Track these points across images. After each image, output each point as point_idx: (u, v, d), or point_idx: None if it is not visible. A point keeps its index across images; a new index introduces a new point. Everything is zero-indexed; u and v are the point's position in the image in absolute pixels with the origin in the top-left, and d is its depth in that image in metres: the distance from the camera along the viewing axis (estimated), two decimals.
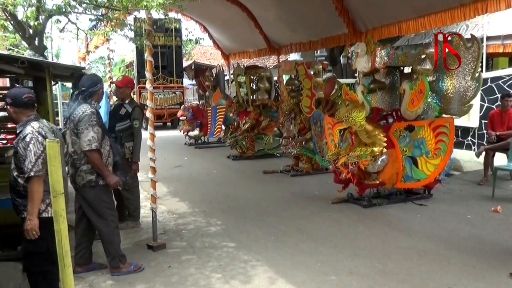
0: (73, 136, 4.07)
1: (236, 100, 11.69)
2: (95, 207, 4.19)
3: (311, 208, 6.56)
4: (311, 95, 8.31)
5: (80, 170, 4.10)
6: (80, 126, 4.01)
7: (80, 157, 4.08)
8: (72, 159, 4.11)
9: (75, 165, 4.11)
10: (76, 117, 4.03)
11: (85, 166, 4.10)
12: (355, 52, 7.33)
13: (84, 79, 4.28)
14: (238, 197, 7.36)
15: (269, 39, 12.28)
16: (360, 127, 6.05)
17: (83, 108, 4.07)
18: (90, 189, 4.14)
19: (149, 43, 5.17)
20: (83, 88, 4.14)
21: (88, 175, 4.11)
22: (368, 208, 6.48)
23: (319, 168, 9.05)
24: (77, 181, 4.14)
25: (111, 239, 4.28)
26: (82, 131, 4.01)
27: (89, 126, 4.02)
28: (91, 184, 4.12)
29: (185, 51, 28.45)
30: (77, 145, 4.06)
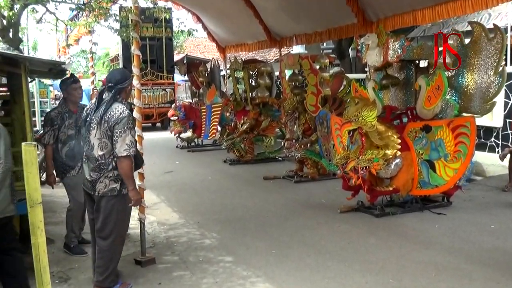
0: (104, 139, 4.02)
1: (233, 98, 11.70)
2: (110, 217, 4.13)
3: (317, 218, 6.55)
4: (317, 92, 8.32)
5: (105, 176, 4.07)
6: (117, 128, 3.97)
7: (108, 162, 4.06)
8: (98, 163, 4.07)
9: (101, 170, 4.08)
10: (112, 118, 3.98)
11: (112, 172, 4.07)
12: (365, 44, 7.33)
13: (112, 73, 4.28)
14: (236, 206, 7.35)
15: (269, 30, 12.30)
16: (371, 128, 6.06)
17: (119, 108, 4.03)
18: (111, 198, 4.11)
19: (136, 35, 5.18)
20: (111, 84, 4.12)
21: (113, 182, 4.09)
22: (381, 217, 6.48)
23: (325, 174, 9.05)
24: (97, 188, 4.09)
25: (114, 256, 4.25)
26: (120, 135, 3.97)
27: (127, 129, 4.00)
28: (113, 192, 4.10)
29: (176, 43, 28.48)
30: (108, 149, 4.03)
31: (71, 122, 5.23)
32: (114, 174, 4.08)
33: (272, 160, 11.39)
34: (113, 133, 3.98)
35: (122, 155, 3.97)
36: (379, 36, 7.07)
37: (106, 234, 4.15)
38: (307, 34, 11.10)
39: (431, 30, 13.31)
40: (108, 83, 4.15)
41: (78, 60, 45.38)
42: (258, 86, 11.11)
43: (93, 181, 4.09)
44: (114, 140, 3.99)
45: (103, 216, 4.13)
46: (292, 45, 12.99)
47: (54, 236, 5.58)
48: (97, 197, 4.11)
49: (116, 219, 4.15)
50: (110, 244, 4.17)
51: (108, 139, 4.02)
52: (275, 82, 11.46)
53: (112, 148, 4.02)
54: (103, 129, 4.00)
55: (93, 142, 4.06)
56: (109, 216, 4.12)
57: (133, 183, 4.13)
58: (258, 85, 11.12)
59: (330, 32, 10.19)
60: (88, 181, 4.15)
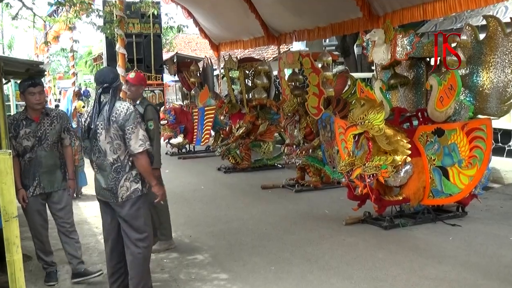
0: (116, 140, 4.12)
1: (228, 100, 11.71)
2: (136, 223, 4.24)
3: (320, 231, 6.55)
4: (319, 93, 8.33)
5: (125, 179, 4.17)
6: (128, 125, 4.10)
7: (125, 163, 4.17)
8: (114, 167, 4.15)
9: (119, 173, 4.16)
10: (120, 116, 4.10)
11: (130, 173, 4.19)
12: (372, 40, 7.34)
13: (102, 74, 4.33)
14: (232, 218, 7.34)
15: (267, 26, 12.34)
16: (379, 132, 6.06)
17: (124, 105, 4.17)
18: (136, 200, 4.22)
19: (122, 31, 5.22)
20: (106, 85, 4.21)
21: (133, 183, 4.21)
22: (390, 229, 6.48)
23: (329, 182, 9.05)
24: (119, 194, 4.16)
25: (147, 265, 4.36)
26: (132, 131, 4.10)
27: (137, 124, 4.15)
28: (137, 193, 4.21)
29: (165, 41, 28.50)
30: (122, 150, 4.13)
31: (29, 131, 4.85)
32: (133, 174, 4.20)
33: (270, 167, 11.39)
34: (124, 132, 4.10)
35: (139, 151, 4.11)
36: (386, 31, 7.08)
37: (138, 237, 4.26)
38: (308, 30, 11.13)
39: (443, 25, 13.35)
40: (102, 84, 4.22)
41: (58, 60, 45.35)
42: (255, 86, 11.12)
43: (112, 188, 4.18)
44: (127, 138, 4.11)
45: (131, 219, 4.24)
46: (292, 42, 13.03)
47: (31, 252, 5.55)
48: (120, 203, 4.20)
49: (145, 219, 4.31)
50: (145, 248, 4.30)
51: (120, 139, 4.12)
52: (274, 83, 11.46)
53: (126, 148, 4.13)
54: (113, 131, 4.11)
55: (104, 148, 4.15)
56: (138, 218, 4.25)
57: (154, 178, 4.32)
58: (255, 86, 11.13)
59: (333, 27, 10.23)
60: (106, 190, 4.22)
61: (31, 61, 6.42)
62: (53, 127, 4.95)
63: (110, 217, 4.36)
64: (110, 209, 4.32)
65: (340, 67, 18.15)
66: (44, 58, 15.33)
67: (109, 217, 4.37)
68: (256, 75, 11.13)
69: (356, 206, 6.78)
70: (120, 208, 4.22)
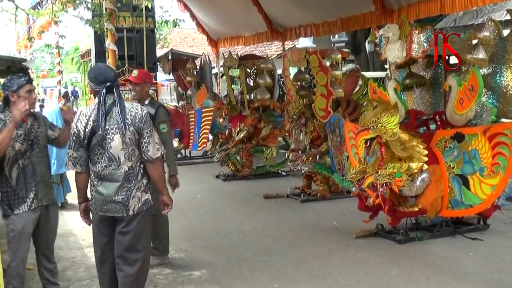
0: (132, 146, 4.08)
1: (227, 101, 11.71)
2: (139, 242, 4.20)
3: (329, 245, 6.54)
4: (327, 93, 8.33)
5: (137, 188, 4.14)
6: (146, 128, 4.11)
7: (136, 170, 4.14)
8: (126, 175, 4.09)
9: (130, 182, 4.11)
10: (135, 119, 4.08)
11: (141, 181, 4.17)
12: (385, 36, 7.36)
13: (102, 72, 4.22)
14: (231, 231, 7.34)
15: (270, 20, 12.36)
16: (393, 136, 6.06)
17: (135, 106, 4.18)
18: (145, 213, 4.21)
19: (112, 26, 5.21)
20: (109, 83, 4.14)
21: (144, 193, 4.20)
22: (404, 244, 6.47)
23: (338, 191, 9.05)
24: (131, 205, 4.11)
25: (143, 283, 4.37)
26: (150, 134, 4.13)
27: (152, 126, 4.18)
28: (147, 205, 4.22)
29: (159, 36, 28.55)
30: (136, 156, 4.11)
31: (21, 133, 4.58)
32: (144, 183, 4.19)
33: (274, 175, 11.39)
34: (141, 136, 4.09)
35: (157, 156, 4.14)
36: (401, 27, 7.09)
37: (137, 257, 4.20)
38: (315, 25, 11.15)
39: (463, 19, 13.36)
40: (104, 83, 4.12)
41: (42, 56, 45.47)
42: (257, 86, 11.13)
43: (123, 200, 4.10)
44: (144, 142, 4.10)
45: (135, 237, 4.18)
46: (298, 38, 13.05)
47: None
48: (130, 217, 4.14)
49: (147, 237, 4.32)
50: (139, 269, 4.23)
51: (135, 144, 4.10)
52: (278, 82, 11.48)
53: (140, 154, 4.12)
54: (129, 135, 4.06)
55: (117, 156, 4.06)
56: (142, 236, 4.23)
57: (166, 186, 4.38)
58: (257, 86, 11.14)
59: (342, 22, 10.25)
60: (115, 203, 4.11)
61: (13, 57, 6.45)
62: (42, 129, 4.77)
63: (107, 237, 4.23)
64: (110, 227, 4.21)
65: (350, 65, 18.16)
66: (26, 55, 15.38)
67: (106, 237, 4.24)
68: (259, 74, 11.14)
69: (367, 218, 6.76)
70: (127, 223, 4.13)
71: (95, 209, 4.19)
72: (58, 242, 6.59)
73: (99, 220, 4.23)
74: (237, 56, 11.82)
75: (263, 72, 10.99)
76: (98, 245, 4.32)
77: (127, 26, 19.02)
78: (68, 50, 38.91)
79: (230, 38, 14.59)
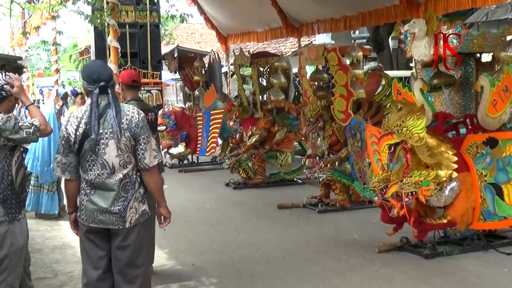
0: (127, 153, 4.06)
1: (238, 103, 11.73)
2: (138, 256, 4.19)
3: (349, 260, 6.52)
4: (347, 94, 8.33)
5: (134, 198, 4.12)
6: (143, 134, 4.09)
7: (133, 179, 4.12)
8: (123, 184, 4.07)
9: (128, 192, 4.10)
10: (131, 123, 4.05)
11: (138, 191, 4.16)
12: (411, 32, 7.34)
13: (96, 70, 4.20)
14: (242, 244, 7.34)
15: (285, 14, 12.37)
16: (419, 141, 6.04)
17: (132, 109, 4.15)
18: (143, 225, 4.19)
19: (114, 21, 5.23)
20: (103, 83, 4.11)
21: (141, 204, 4.17)
22: (432, 259, 6.44)
23: (359, 201, 9.04)
24: (128, 217, 4.09)
25: None
26: (147, 140, 4.11)
27: (149, 131, 4.17)
28: (145, 217, 4.20)
29: (164, 31, 28.70)
30: (132, 164, 4.10)
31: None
32: (141, 193, 4.17)
33: (289, 183, 11.39)
34: (137, 142, 4.07)
35: (154, 164, 4.13)
36: (429, 22, 7.07)
37: (137, 273, 4.19)
38: (334, 20, 11.15)
39: (496, 13, 13.31)
40: (97, 82, 4.10)
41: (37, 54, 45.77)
42: (270, 86, 11.14)
43: (120, 211, 4.07)
44: (140, 149, 4.08)
45: (134, 251, 4.16)
46: (315, 34, 13.04)
47: None
48: (127, 230, 4.12)
49: (147, 251, 4.32)
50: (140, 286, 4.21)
51: (130, 151, 4.08)
52: (293, 82, 11.49)
53: (136, 161, 4.10)
54: (124, 141, 4.04)
55: (112, 163, 4.03)
56: (142, 249, 4.21)
57: (164, 197, 4.36)
58: (270, 86, 11.15)
59: (364, 16, 10.23)
60: (110, 214, 4.07)
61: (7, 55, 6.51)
62: None
63: (105, 250, 4.18)
64: (105, 240, 4.17)
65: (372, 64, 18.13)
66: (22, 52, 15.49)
67: (103, 250, 4.18)
68: (272, 73, 11.15)
69: (391, 231, 6.75)
70: (124, 237, 4.11)
71: (85, 220, 4.11)
72: (55, 255, 6.67)
73: (91, 232, 4.16)
74: (249, 53, 11.85)
75: (277, 71, 11.00)
76: (92, 261, 4.21)
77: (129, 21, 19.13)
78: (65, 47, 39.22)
79: (241, 34, 14.61)
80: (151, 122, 5.99)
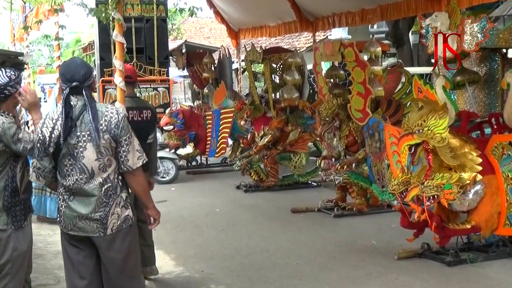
0: (107, 156, 4.04)
1: (250, 101, 11.74)
2: (127, 264, 4.18)
3: (367, 267, 6.52)
4: (365, 92, 8.32)
5: (116, 204, 4.09)
6: (124, 135, 4.06)
7: (115, 183, 4.10)
8: (104, 190, 4.05)
9: (110, 197, 4.07)
10: (111, 124, 4.01)
11: (120, 196, 4.13)
12: (432, 26, 7.33)
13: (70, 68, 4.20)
14: (254, 250, 7.36)
15: (299, 8, 12.37)
16: (441, 142, 6.03)
17: (110, 109, 4.11)
18: (127, 231, 4.16)
19: (120, 15, 5.25)
20: (76, 83, 4.08)
21: (124, 209, 4.14)
22: (455, 266, 6.43)
23: (377, 205, 9.03)
24: (109, 223, 4.06)
25: None
26: (129, 141, 4.08)
27: (131, 131, 4.14)
28: (128, 223, 4.16)
29: (172, 26, 28.75)
30: (112, 167, 4.07)
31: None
32: (123, 197, 4.14)
33: (303, 186, 11.41)
34: (118, 143, 4.04)
35: (138, 165, 4.09)
36: (452, 15, 7.06)
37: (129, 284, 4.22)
38: (350, 13, 11.13)
39: None
40: (69, 82, 4.10)
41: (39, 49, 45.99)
42: (284, 84, 11.14)
43: (101, 217, 4.04)
44: (122, 151, 4.05)
45: (122, 259, 4.16)
46: (331, 28, 13.03)
47: None
48: (110, 237, 4.09)
49: (136, 257, 4.28)
50: None
51: (111, 153, 4.05)
52: (308, 79, 11.49)
53: (117, 164, 4.08)
54: (103, 143, 4.00)
55: (90, 167, 4.02)
56: (130, 256, 4.19)
57: (151, 199, 4.33)
58: (283, 83, 11.15)
59: (382, 10, 10.20)
60: (90, 221, 4.05)
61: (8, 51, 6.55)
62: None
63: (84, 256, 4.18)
64: (86, 247, 4.16)
65: (391, 60, 18.10)
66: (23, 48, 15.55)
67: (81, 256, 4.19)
68: (286, 69, 11.15)
69: (411, 236, 6.74)
70: (108, 244, 4.09)
71: (64, 227, 4.12)
72: (57, 260, 6.70)
73: (74, 239, 4.16)
74: (261, 49, 11.84)
75: (290, 68, 11.00)
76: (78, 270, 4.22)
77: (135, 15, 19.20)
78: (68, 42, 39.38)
79: (253, 29, 14.61)
80: (147, 121, 6.03)
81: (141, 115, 5.97)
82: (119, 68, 5.25)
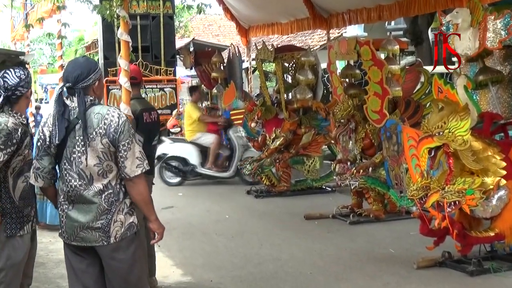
0: (107, 161, 3.98)
1: (261, 102, 11.75)
2: (132, 274, 4.15)
3: (384, 277, 6.51)
4: (382, 92, 8.31)
5: (118, 210, 4.04)
6: (123, 140, 3.97)
7: (117, 189, 4.04)
8: (105, 196, 4.01)
9: (112, 204, 4.02)
10: (110, 128, 3.93)
11: (124, 202, 4.08)
12: (453, 23, 7.31)
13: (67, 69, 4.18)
14: (265, 259, 7.36)
15: (313, 4, 12.36)
16: (463, 145, 6.01)
17: (111, 112, 4.02)
18: (131, 239, 4.12)
19: (125, 12, 5.26)
20: (69, 84, 4.03)
21: (128, 216, 4.09)
22: (477, 276, 6.40)
23: (395, 211, 9.02)
24: (112, 232, 4.02)
25: None
26: (128, 147, 3.98)
27: (132, 136, 4.05)
28: (133, 230, 4.11)
29: (179, 23, 28.83)
30: (113, 173, 4.02)
31: (29, 140, 4.69)
32: (127, 204, 4.08)
33: (317, 191, 11.42)
34: (117, 148, 3.97)
35: (137, 174, 3.98)
36: (473, 11, 7.04)
37: None
38: (366, 9, 11.11)
39: None
40: (65, 82, 4.08)
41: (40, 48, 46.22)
42: (296, 84, 11.15)
43: (103, 225, 4.00)
44: (121, 156, 3.96)
45: (126, 269, 4.13)
46: (346, 25, 13.02)
47: None
48: (113, 246, 4.05)
49: (141, 267, 4.26)
50: None
51: (111, 158, 3.99)
52: (321, 79, 11.48)
53: (118, 169, 4.02)
54: (101, 148, 3.94)
55: (89, 173, 3.98)
56: (135, 266, 4.15)
57: (154, 209, 4.23)
58: (296, 83, 11.16)
59: (400, 5, 10.18)
60: (92, 230, 4.01)
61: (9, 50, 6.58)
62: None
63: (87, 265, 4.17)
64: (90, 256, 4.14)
65: (410, 58, 18.06)
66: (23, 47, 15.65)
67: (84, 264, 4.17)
68: (298, 68, 11.17)
69: (431, 244, 6.71)
70: (111, 253, 4.06)
71: (67, 239, 4.09)
72: (59, 269, 6.74)
73: (76, 248, 4.13)
74: (272, 47, 11.86)
75: (303, 67, 11.01)
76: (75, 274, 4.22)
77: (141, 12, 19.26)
78: (71, 40, 39.56)
79: (263, 26, 14.61)
80: (155, 122, 6.05)
81: (151, 117, 6.00)
82: (125, 68, 5.27)
